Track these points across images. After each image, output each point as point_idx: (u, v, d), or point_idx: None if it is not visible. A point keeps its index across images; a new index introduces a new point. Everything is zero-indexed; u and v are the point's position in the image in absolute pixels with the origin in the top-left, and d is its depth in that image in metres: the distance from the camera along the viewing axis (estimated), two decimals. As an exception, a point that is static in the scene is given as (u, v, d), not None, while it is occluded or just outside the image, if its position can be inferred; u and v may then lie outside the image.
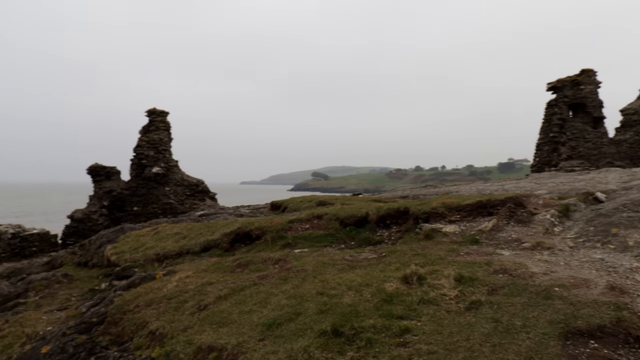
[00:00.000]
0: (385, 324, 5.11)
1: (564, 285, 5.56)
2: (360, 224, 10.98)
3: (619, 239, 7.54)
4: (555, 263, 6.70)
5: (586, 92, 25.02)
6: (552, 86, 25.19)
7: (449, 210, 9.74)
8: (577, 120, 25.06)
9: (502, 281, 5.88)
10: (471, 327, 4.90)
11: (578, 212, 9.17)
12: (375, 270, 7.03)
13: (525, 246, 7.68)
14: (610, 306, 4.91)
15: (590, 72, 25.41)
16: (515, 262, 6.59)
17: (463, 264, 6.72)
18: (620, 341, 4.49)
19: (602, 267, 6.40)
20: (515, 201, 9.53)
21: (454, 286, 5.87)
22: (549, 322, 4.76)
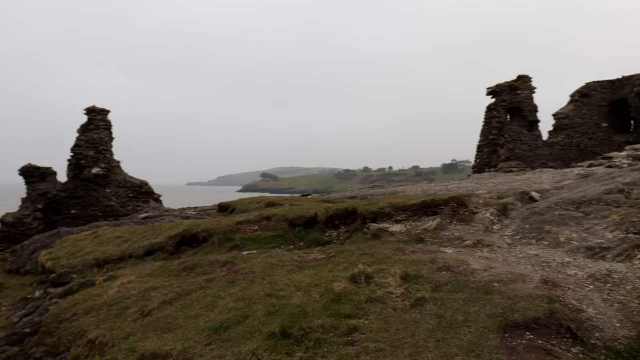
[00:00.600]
0: (334, 324, 5.15)
1: (503, 281, 5.83)
2: (309, 224, 11.01)
3: (552, 236, 8.02)
4: (494, 260, 7.02)
5: (522, 97, 26.45)
6: (491, 91, 26.43)
7: (396, 210, 9.97)
8: (514, 124, 26.42)
9: (446, 278, 6.08)
10: (417, 323, 5.04)
11: (515, 211, 9.66)
12: (324, 270, 7.07)
13: (467, 244, 7.99)
14: (544, 299, 5.20)
15: (526, 78, 26.88)
16: (457, 260, 6.84)
17: (409, 262, 6.89)
18: (554, 332, 4.77)
19: (537, 263, 6.77)
20: (458, 201, 9.90)
21: (400, 284, 6.00)
22: (488, 316, 4.97)
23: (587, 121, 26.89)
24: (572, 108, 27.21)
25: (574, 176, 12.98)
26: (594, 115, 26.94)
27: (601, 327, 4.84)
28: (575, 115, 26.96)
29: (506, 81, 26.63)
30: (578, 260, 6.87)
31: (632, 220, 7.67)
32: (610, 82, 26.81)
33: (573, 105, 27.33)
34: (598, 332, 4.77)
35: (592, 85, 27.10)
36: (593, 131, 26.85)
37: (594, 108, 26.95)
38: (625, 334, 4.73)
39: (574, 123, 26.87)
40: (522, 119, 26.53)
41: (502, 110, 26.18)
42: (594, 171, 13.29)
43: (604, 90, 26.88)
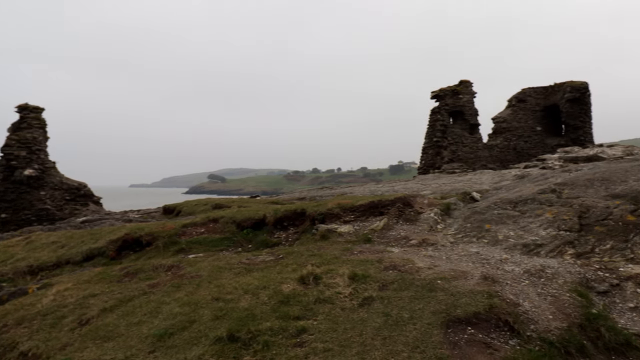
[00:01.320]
0: (282, 326, 5.13)
1: (446, 278, 6.03)
2: (257, 226, 10.90)
3: (491, 234, 8.40)
4: (438, 258, 7.25)
5: (464, 101, 27.56)
6: (435, 94, 27.35)
7: (344, 211, 10.08)
8: (456, 127, 27.47)
9: (392, 277, 6.22)
10: (364, 322, 5.11)
11: (457, 210, 10.04)
12: (272, 272, 7.02)
13: (413, 243, 8.21)
14: (484, 295, 5.43)
15: (467, 83, 28.03)
16: (403, 259, 7.00)
17: (357, 262, 6.99)
18: (493, 325, 5.00)
19: (478, 260, 7.07)
20: (404, 201, 10.15)
21: (348, 284, 6.07)
22: (432, 312, 5.13)
23: (523, 125, 28.42)
24: (510, 112, 28.67)
25: (511, 177, 13.67)
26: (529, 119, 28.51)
27: (536, 320, 5.11)
28: (513, 119, 28.42)
29: (449, 85, 27.64)
30: (515, 256, 7.23)
31: (563, 218, 8.18)
32: (544, 89, 28.50)
33: (510, 110, 28.79)
34: (533, 324, 5.04)
35: (527, 91, 28.68)
36: (528, 134, 28.40)
37: (529, 112, 28.52)
38: (557, 325, 5.03)
39: (511, 126, 28.32)
40: (464, 122, 27.63)
41: (445, 114, 27.15)
42: (529, 172, 14.06)
43: (538, 96, 28.52)
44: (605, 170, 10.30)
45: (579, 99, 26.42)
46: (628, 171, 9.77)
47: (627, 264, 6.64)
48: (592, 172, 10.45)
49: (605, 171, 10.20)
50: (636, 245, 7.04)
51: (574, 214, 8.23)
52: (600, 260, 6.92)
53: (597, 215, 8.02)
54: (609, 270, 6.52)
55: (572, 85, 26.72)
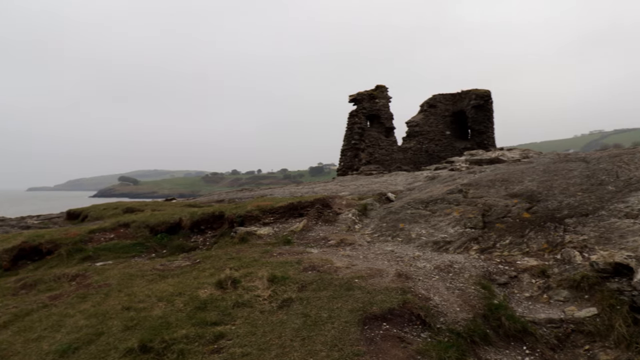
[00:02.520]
0: (199, 332, 4.97)
1: (363, 277, 6.21)
2: (173, 230, 10.47)
3: (405, 233, 8.79)
4: (355, 257, 7.44)
5: (380, 105, 28.61)
6: (353, 98, 28.11)
7: (264, 213, 10.01)
8: (373, 130, 28.44)
9: (311, 277, 6.27)
10: (283, 324, 5.10)
11: (374, 211, 10.39)
12: (188, 277, 6.79)
13: (331, 243, 8.35)
14: (398, 291, 5.66)
15: (383, 88, 29.14)
16: (322, 259, 7.10)
17: (276, 264, 6.96)
18: (406, 320, 5.22)
19: (392, 258, 7.36)
20: (323, 202, 10.30)
21: (268, 286, 6.03)
22: (350, 311, 5.25)
23: (434, 129, 30.12)
24: (422, 117, 30.25)
25: (423, 178, 14.42)
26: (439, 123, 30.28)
27: (445, 312, 5.42)
28: (424, 123, 30.02)
29: (366, 90, 28.55)
30: (426, 253, 7.63)
31: (469, 217, 8.77)
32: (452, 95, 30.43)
33: (422, 115, 30.39)
34: (442, 317, 5.34)
35: (437, 97, 30.45)
36: (439, 138, 30.16)
37: (439, 117, 30.29)
38: (463, 317, 5.37)
39: (423, 130, 29.89)
40: (380, 126, 28.68)
41: (362, 117, 27.99)
42: (439, 174, 14.93)
43: (447, 102, 30.40)
44: (505, 172, 11.22)
45: (482, 106, 28.58)
46: (524, 172, 10.72)
47: (524, 257, 7.28)
48: (493, 174, 11.33)
49: (505, 172, 11.11)
50: (531, 240, 7.73)
51: (478, 212, 8.86)
52: (501, 255, 7.51)
53: (498, 213, 8.70)
54: (508, 264, 7.10)
55: (476, 92, 28.83)
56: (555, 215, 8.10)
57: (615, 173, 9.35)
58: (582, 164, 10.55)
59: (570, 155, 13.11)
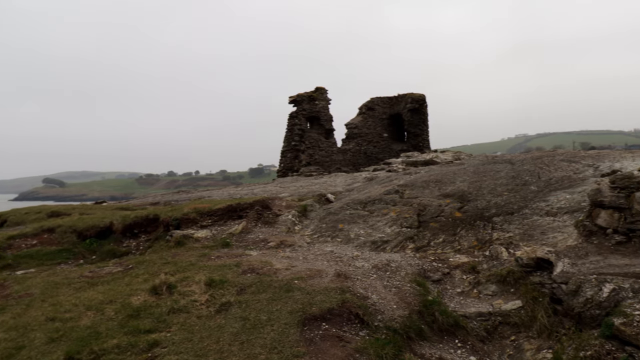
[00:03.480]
0: (132, 341, 4.75)
1: (302, 278, 6.22)
2: (103, 235, 9.94)
3: (344, 233, 8.91)
4: (295, 258, 7.44)
5: (320, 107, 28.83)
6: (293, 100, 28.13)
7: (201, 216, 9.75)
8: (313, 131, 28.61)
9: (250, 280, 6.19)
10: (221, 328, 4.99)
11: (314, 212, 10.44)
12: (120, 284, 6.47)
13: (271, 245, 8.29)
14: (337, 291, 5.72)
15: (323, 90, 29.41)
16: (261, 261, 7.03)
17: (214, 267, 6.81)
18: (345, 319, 5.28)
19: (332, 258, 7.43)
20: (263, 204, 10.21)
21: (205, 291, 5.88)
22: (290, 312, 5.24)
23: (372, 131, 30.81)
24: (360, 119, 30.85)
25: (362, 179, 14.69)
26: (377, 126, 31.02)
27: (382, 310, 5.55)
28: (363, 126, 30.63)
29: (306, 91, 28.67)
30: (365, 253, 7.77)
31: (405, 217, 9.05)
32: (389, 99, 31.28)
33: (361, 117, 31.00)
34: (380, 314, 5.46)
35: (375, 100, 31.18)
36: (377, 140, 30.89)
37: (377, 120, 31.03)
38: (400, 314, 5.53)
39: (362, 132, 30.49)
40: (320, 127, 28.91)
41: (302, 118, 28.08)
42: (377, 175, 15.28)
43: (385, 105, 31.22)
44: (438, 173, 11.69)
45: (418, 109, 29.61)
46: (456, 174, 11.22)
47: (456, 255, 7.62)
48: (428, 175, 11.77)
49: (439, 174, 11.58)
50: (462, 238, 8.11)
51: (413, 212, 9.16)
52: (435, 253, 7.82)
53: (432, 212, 9.04)
54: (442, 261, 7.40)
55: (412, 96, 29.83)
56: (484, 214, 8.54)
57: (537, 174, 10.02)
58: (508, 165, 11.22)
59: (497, 158, 13.90)
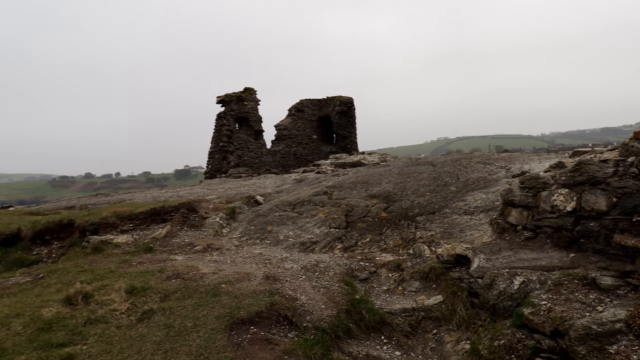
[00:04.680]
0: (43, 357, 4.39)
1: (230, 281, 6.09)
2: (9, 242, 9.09)
3: (273, 235, 8.86)
4: (223, 262, 7.28)
5: (249, 108, 28.51)
6: (221, 99, 27.57)
7: (121, 220, 9.25)
8: (242, 132, 28.23)
9: (175, 286, 5.96)
10: (143, 338, 4.76)
11: (242, 214, 10.29)
12: (29, 295, 5.96)
13: (198, 249, 8.05)
14: (266, 293, 5.67)
15: (252, 91, 29.11)
16: (187, 266, 6.80)
17: (136, 274, 6.48)
18: (274, 322, 5.25)
19: (261, 261, 7.35)
20: (189, 206, 9.89)
21: (126, 299, 5.58)
22: (216, 317, 5.11)
23: (301, 133, 30.98)
24: (290, 121, 30.91)
25: (291, 181, 14.71)
26: (306, 127, 31.25)
27: (311, 311, 5.58)
28: (293, 127, 30.72)
29: (234, 92, 28.22)
30: (294, 254, 7.78)
31: (333, 217, 9.18)
32: (318, 101, 31.65)
33: (290, 119, 31.07)
34: (309, 315, 5.49)
35: (304, 102, 31.40)
36: (306, 142, 31.12)
37: (306, 122, 31.26)
38: (328, 313, 5.59)
39: (292, 134, 30.57)
40: (249, 128, 28.59)
41: (231, 119, 27.60)
42: (307, 176, 15.37)
43: (314, 107, 31.53)
44: (365, 175, 11.99)
45: (346, 112, 30.22)
46: (382, 175, 11.58)
47: (382, 254, 7.85)
48: (355, 176, 12.04)
49: (366, 175, 11.88)
50: (388, 237, 8.37)
51: (342, 213, 9.32)
52: (362, 252, 8.00)
53: (359, 213, 9.25)
54: (369, 260, 7.59)
55: (340, 99, 30.39)
56: (408, 214, 8.88)
57: (456, 175, 10.61)
58: (430, 167, 11.76)
59: (420, 160, 14.54)
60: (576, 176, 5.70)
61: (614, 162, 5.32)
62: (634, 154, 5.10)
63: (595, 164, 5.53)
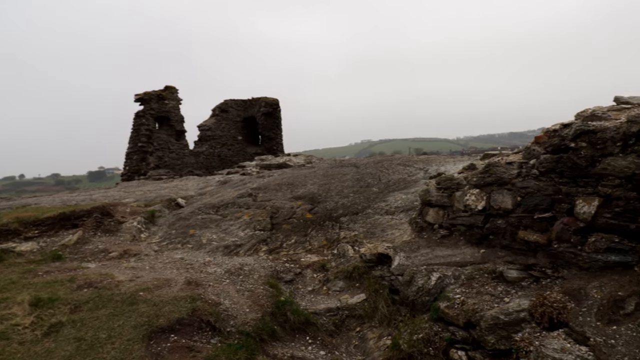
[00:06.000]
0: None
1: (149, 288, 5.80)
2: None
3: (196, 239, 8.59)
4: (141, 268, 6.92)
5: (170, 107, 27.44)
6: (139, 98, 26.28)
7: (25, 226, 8.48)
8: (162, 132, 27.10)
9: (87, 296, 5.57)
10: (50, 354, 4.39)
11: (162, 218, 9.86)
12: None
13: (113, 255, 7.59)
14: (187, 299, 5.47)
15: (173, 89, 28.05)
16: (101, 274, 6.38)
17: (42, 284, 5.96)
18: (196, 328, 5.08)
19: (182, 266, 7.09)
20: (103, 210, 9.30)
21: (30, 312, 5.12)
22: (134, 327, 4.84)
23: (226, 133, 30.38)
24: (214, 121, 30.19)
25: (215, 183, 14.35)
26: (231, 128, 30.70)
27: (235, 315, 5.47)
28: (217, 128, 30.04)
29: (154, 90, 27.04)
30: (217, 258, 7.59)
31: (258, 219, 9.09)
32: (243, 102, 31.23)
33: (214, 119, 30.35)
34: (233, 319, 5.38)
35: (229, 102, 30.84)
36: (231, 143, 30.56)
37: (231, 122, 30.71)
38: (253, 317, 5.51)
39: (216, 135, 29.88)
40: (170, 128, 27.53)
41: (150, 118, 26.40)
42: (231, 178, 15.09)
43: (239, 108, 31.06)
44: (290, 176, 12.01)
45: (272, 113, 30.09)
46: (307, 177, 11.66)
47: (307, 255, 7.90)
48: (281, 178, 12.01)
49: (291, 177, 11.90)
50: (313, 238, 8.44)
51: (267, 215, 9.25)
52: (287, 254, 8.00)
53: (284, 215, 9.24)
54: (294, 262, 7.60)
55: (266, 100, 30.21)
56: (332, 215, 9.02)
57: (379, 177, 10.95)
58: (354, 169, 12.04)
59: (345, 161, 14.84)
60: (486, 177, 6.11)
61: (518, 164, 5.77)
62: (535, 157, 5.57)
63: (502, 166, 5.96)
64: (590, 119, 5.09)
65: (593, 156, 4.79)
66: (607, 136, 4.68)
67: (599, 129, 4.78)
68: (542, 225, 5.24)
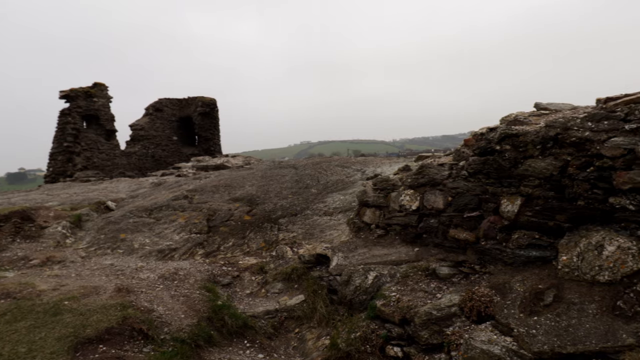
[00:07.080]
0: None
1: (75, 297, 5.46)
2: None
3: (127, 243, 8.20)
4: (66, 276, 6.50)
5: (99, 105, 26.05)
6: (65, 94, 24.71)
7: None
8: (91, 132, 25.66)
9: (4, 307, 5.14)
10: (-41, 373, 4.01)
11: (90, 222, 9.32)
12: None
13: (34, 263, 7.07)
14: (117, 307, 5.21)
15: (103, 87, 26.64)
16: (20, 283, 5.92)
17: (-50, 297, 5.43)
18: (127, 337, 4.84)
19: (112, 272, 6.74)
20: (22, 215, 8.64)
21: None
22: (57, 339, 4.53)
23: (160, 133, 29.30)
24: (147, 120, 29.02)
25: (148, 184, 13.78)
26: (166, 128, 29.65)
27: (169, 322, 5.28)
28: (150, 127, 28.89)
29: (81, 87, 25.55)
30: (150, 263, 7.29)
31: (194, 222, 8.84)
32: (179, 101, 30.28)
33: (148, 118, 29.18)
34: (167, 326, 5.18)
35: (163, 101, 29.77)
36: (166, 143, 29.51)
37: (166, 122, 29.67)
38: (188, 323, 5.34)
39: (149, 135, 28.73)
40: (100, 127, 26.14)
41: (77, 117, 24.92)
42: (166, 180, 14.56)
43: (174, 107, 30.07)
44: (228, 178, 11.80)
45: (209, 113, 29.41)
46: (245, 178, 11.51)
47: (245, 257, 7.78)
48: (218, 179, 11.77)
49: (229, 178, 11.69)
50: (251, 240, 8.34)
51: (203, 217, 9.02)
52: (225, 257, 7.84)
53: (222, 217, 9.05)
54: (232, 265, 7.46)
55: (203, 100, 29.48)
56: (271, 217, 8.96)
57: (317, 178, 11.03)
58: (293, 170, 12.04)
59: (283, 163, 14.80)
60: (419, 178, 6.33)
61: (449, 166, 6.04)
62: (464, 159, 5.85)
63: (435, 168, 6.21)
64: (513, 123, 5.43)
65: (516, 158, 5.11)
66: (528, 139, 5.01)
67: (521, 132, 5.11)
68: (471, 224, 5.51)
